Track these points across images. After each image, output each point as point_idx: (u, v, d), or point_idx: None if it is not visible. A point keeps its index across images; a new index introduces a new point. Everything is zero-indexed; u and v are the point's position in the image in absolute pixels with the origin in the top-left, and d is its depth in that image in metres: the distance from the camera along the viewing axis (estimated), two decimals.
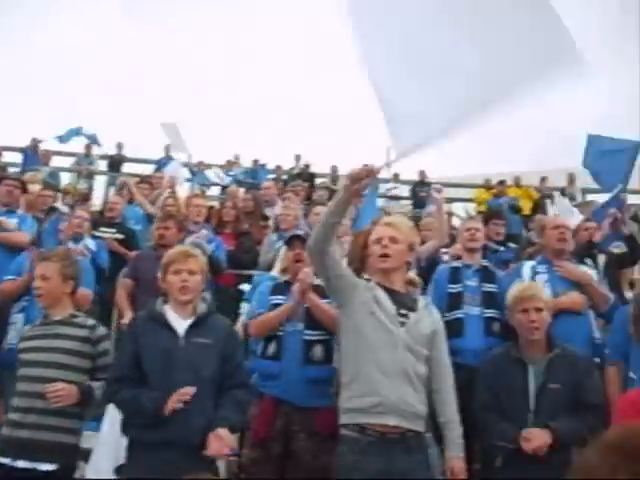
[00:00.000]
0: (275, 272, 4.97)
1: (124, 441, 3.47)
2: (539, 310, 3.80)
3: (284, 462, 3.98)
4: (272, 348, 4.06)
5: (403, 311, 3.38)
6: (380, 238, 3.45)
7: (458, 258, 5.20)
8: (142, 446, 3.32)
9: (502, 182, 13.24)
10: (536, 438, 3.52)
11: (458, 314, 4.76)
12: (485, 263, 5.10)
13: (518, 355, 3.80)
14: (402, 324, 3.34)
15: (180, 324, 3.48)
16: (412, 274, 3.84)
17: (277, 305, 4.14)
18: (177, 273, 3.53)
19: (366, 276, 3.59)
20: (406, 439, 3.25)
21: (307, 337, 4.04)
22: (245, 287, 5.75)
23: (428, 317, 3.47)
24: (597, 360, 4.42)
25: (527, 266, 4.86)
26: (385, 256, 3.42)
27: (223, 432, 3.21)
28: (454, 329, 4.54)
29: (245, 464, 4.08)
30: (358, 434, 3.25)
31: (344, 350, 3.49)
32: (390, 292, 3.41)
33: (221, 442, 3.20)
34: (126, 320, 5.13)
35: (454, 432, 3.37)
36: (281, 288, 4.26)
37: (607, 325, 4.72)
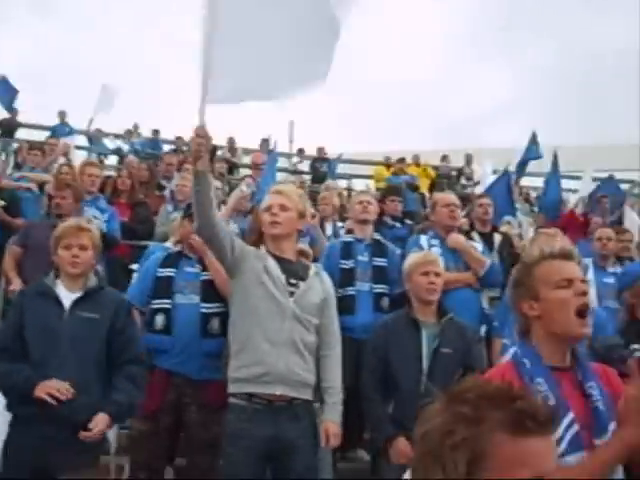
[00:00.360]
0: (169, 243, 4.90)
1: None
2: (438, 275, 3.95)
3: (174, 434, 3.99)
4: (160, 321, 4.01)
5: (293, 280, 3.39)
6: (270, 206, 3.45)
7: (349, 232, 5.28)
8: (24, 420, 3.25)
9: (402, 160, 13.47)
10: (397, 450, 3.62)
11: (350, 291, 4.85)
12: (377, 237, 5.19)
13: (413, 317, 3.88)
14: (291, 294, 3.35)
15: (68, 298, 3.39)
16: (304, 245, 3.88)
17: (164, 278, 4.10)
18: (68, 248, 3.44)
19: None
20: (293, 407, 3.30)
21: (204, 310, 4.03)
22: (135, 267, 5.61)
23: (319, 285, 3.49)
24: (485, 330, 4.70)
25: (424, 239, 5.01)
26: (275, 223, 3.43)
27: (103, 418, 3.20)
28: (345, 306, 4.61)
29: (135, 436, 4.04)
30: (246, 402, 3.28)
31: (233, 319, 3.50)
32: (280, 261, 3.42)
33: (103, 426, 3.20)
34: (14, 287, 5.00)
35: (334, 397, 3.41)
36: (172, 260, 4.21)
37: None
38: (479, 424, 1.30)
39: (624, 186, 16.31)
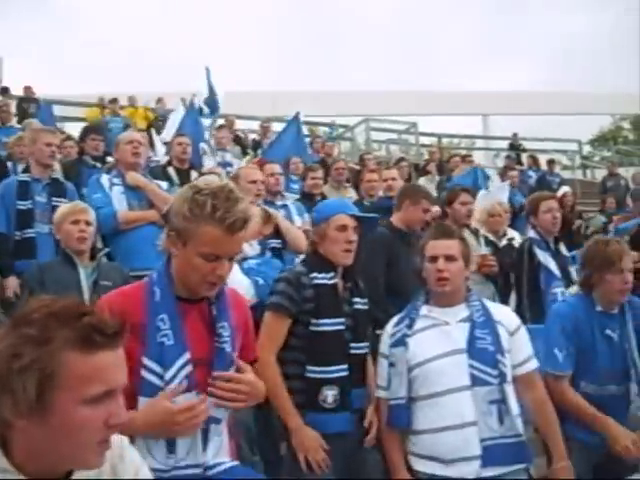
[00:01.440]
0: None
1: None
2: (88, 224, 3.90)
3: None
4: None
5: None
6: None
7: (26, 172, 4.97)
8: None
9: (114, 100, 12.93)
10: None
11: (30, 233, 4.66)
12: (55, 176, 4.97)
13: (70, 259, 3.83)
14: None
15: None
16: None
17: None
18: None
19: None
20: None
21: None
22: None
23: None
24: None
25: (105, 177, 4.86)
26: None
27: None
28: (25, 248, 4.51)
29: None
30: None
31: None
32: None
33: None
34: None
35: None
36: None
37: None
38: (47, 344, 1.30)
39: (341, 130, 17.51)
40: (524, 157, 16.36)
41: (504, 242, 5.47)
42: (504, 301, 4.71)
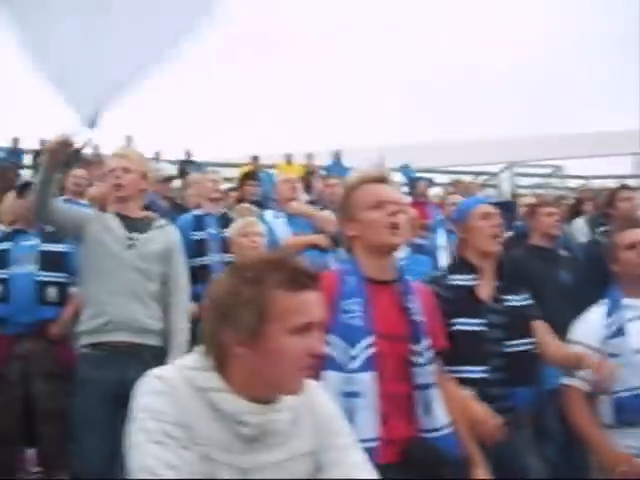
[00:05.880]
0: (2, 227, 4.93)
1: None
2: (257, 234, 4.37)
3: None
4: None
5: (135, 234, 3.58)
6: (113, 169, 3.64)
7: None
8: None
9: (255, 158, 13.81)
10: None
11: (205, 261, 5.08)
12: (224, 210, 5.52)
13: None
14: (131, 246, 3.54)
15: None
16: None
17: None
18: None
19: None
20: (139, 352, 3.45)
21: (41, 278, 4.23)
22: None
23: (161, 236, 3.65)
24: None
25: (268, 213, 5.46)
26: (119, 186, 3.63)
27: None
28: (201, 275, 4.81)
29: None
30: (92, 350, 3.47)
31: (81, 280, 3.71)
32: (125, 219, 3.62)
33: None
34: None
35: (178, 339, 3.53)
36: (7, 235, 4.44)
37: None
38: (260, 284, 1.61)
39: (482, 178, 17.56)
40: None
41: None
42: None
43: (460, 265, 3.22)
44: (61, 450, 4.04)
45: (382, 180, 2.50)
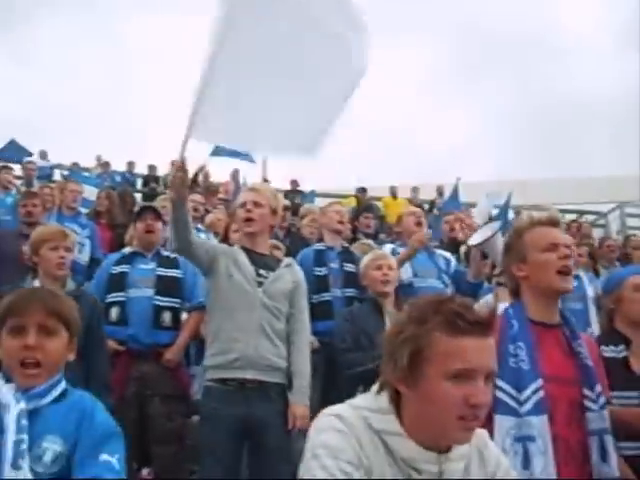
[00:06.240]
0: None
1: None
2: (390, 268, 4.26)
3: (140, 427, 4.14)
4: (115, 313, 4.24)
5: (263, 271, 3.57)
6: (244, 203, 3.65)
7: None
8: None
9: (364, 190, 13.55)
10: None
11: (326, 297, 4.98)
12: (345, 244, 5.41)
13: (378, 303, 4.15)
14: (260, 284, 3.52)
15: None
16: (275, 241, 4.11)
17: (117, 274, 4.34)
18: (55, 249, 3.66)
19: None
20: (265, 389, 3.43)
21: (157, 302, 4.29)
22: None
23: (288, 275, 3.65)
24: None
25: (388, 247, 5.32)
26: (249, 220, 3.61)
27: None
28: (323, 311, 4.82)
29: None
30: (219, 385, 3.44)
31: (208, 313, 3.69)
32: (252, 254, 3.60)
33: None
34: None
35: (301, 381, 3.51)
36: (126, 258, 4.49)
37: None
38: (422, 324, 1.58)
39: (590, 217, 16.92)
40: None
41: None
42: None
43: (611, 336, 3.10)
44: (175, 470, 4.11)
45: (554, 223, 2.48)
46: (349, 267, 5.14)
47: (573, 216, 18.06)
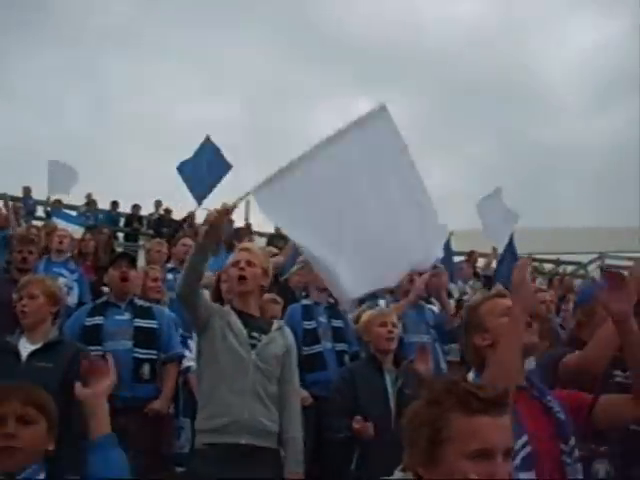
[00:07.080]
0: None
1: None
2: (394, 325, 4.32)
3: None
4: None
5: (255, 334, 3.51)
6: (237, 261, 3.61)
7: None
8: None
9: None
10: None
11: (318, 348, 5.04)
12: (332, 300, 5.35)
13: (377, 361, 4.20)
14: (253, 346, 3.47)
15: (26, 349, 3.59)
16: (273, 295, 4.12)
17: (91, 326, 4.31)
18: (20, 299, 3.69)
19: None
20: (258, 454, 3.36)
21: (137, 355, 4.27)
22: None
23: (280, 339, 3.61)
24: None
25: (382, 302, 5.52)
26: (243, 278, 3.57)
27: None
28: (316, 362, 4.92)
29: None
30: (211, 448, 3.36)
31: (199, 374, 3.61)
32: (244, 316, 3.55)
33: None
34: None
35: (295, 448, 3.46)
36: (99, 309, 4.46)
37: None
38: (437, 405, 1.59)
39: (570, 268, 17.03)
40: None
41: None
42: None
43: (573, 345, 3.23)
44: None
45: (503, 296, 2.54)
46: (336, 322, 5.20)
47: (551, 266, 18.31)
